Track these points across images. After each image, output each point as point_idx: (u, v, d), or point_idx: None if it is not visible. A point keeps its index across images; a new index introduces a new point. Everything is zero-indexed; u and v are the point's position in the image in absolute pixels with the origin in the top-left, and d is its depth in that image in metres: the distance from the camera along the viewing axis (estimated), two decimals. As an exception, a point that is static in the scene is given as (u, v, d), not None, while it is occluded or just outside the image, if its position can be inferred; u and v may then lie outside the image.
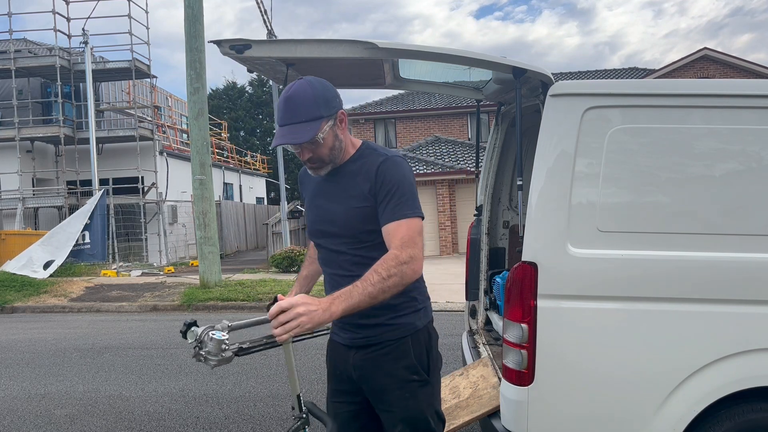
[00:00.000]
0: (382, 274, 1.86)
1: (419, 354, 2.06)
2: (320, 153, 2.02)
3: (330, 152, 2.03)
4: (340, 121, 2.04)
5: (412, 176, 2.07)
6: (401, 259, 1.89)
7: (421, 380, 2.05)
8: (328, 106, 1.98)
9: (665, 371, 2.39)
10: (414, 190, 2.04)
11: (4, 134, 17.75)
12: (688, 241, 2.44)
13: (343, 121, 2.06)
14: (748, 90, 2.50)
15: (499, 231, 4.29)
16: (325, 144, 2.00)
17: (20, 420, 4.47)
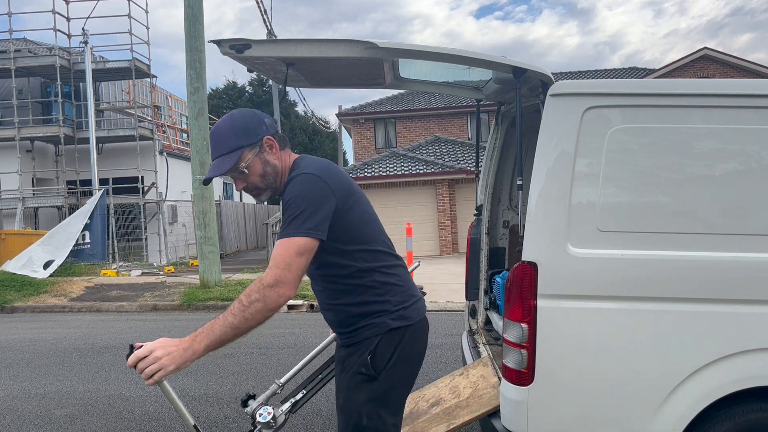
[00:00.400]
0: (243, 302, 1.85)
1: (382, 352, 2.04)
2: (252, 181, 2.07)
3: (262, 179, 2.07)
4: (269, 147, 2.06)
5: (311, 192, 1.94)
6: (264, 282, 1.85)
7: (367, 375, 2.04)
8: (248, 136, 2.03)
9: (665, 371, 2.39)
10: (306, 206, 1.92)
11: (4, 134, 17.75)
12: (688, 241, 2.44)
13: (273, 146, 2.07)
14: (748, 90, 2.50)
15: (499, 231, 4.29)
16: (252, 172, 2.06)
17: (20, 420, 4.47)
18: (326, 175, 1.99)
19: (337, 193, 1.97)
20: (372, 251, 2.07)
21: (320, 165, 2.04)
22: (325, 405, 4.59)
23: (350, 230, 2.02)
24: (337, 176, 2.03)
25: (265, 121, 2.11)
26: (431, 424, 2.86)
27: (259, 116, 2.11)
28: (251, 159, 2.03)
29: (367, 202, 2.14)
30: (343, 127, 27.88)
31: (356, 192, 2.09)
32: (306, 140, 41.27)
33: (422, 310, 2.17)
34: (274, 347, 6.68)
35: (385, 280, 2.08)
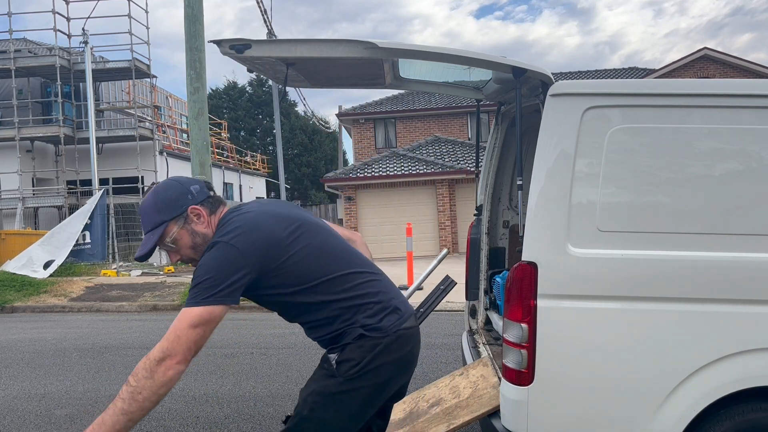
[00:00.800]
0: (131, 383, 1.77)
1: (350, 352, 1.99)
2: (184, 253, 2.05)
3: (193, 250, 2.05)
4: (196, 216, 2.03)
5: (217, 264, 1.87)
6: (151, 357, 1.78)
7: (328, 370, 2.02)
8: (170, 210, 2.01)
9: (665, 371, 2.39)
10: (210, 276, 1.85)
11: (4, 134, 17.76)
12: (688, 241, 2.44)
13: (200, 215, 2.03)
14: (748, 90, 2.50)
15: (499, 231, 4.29)
16: (182, 245, 2.03)
17: (20, 420, 4.47)
18: (244, 240, 1.90)
19: (255, 258, 1.89)
20: (331, 280, 2.01)
21: (242, 227, 1.93)
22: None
23: (297, 274, 1.97)
24: (264, 234, 1.93)
25: (192, 189, 2.05)
26: (431, 424, 2.86)
27: (184, 186, 2.06)
28: (176, 232, 2.01)
29: (317, 232, 2.07)
30: (343, 127, 27.88)
31: (296, 233, 2.00)
32: (306, 140, 41.28)
33: (400, 323, 2.06)
34: (274, 347, 6.68)
35: (350, 305, 2.02)
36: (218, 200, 2.12)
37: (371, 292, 2.07)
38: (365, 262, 2.18)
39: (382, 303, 2.07)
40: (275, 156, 23.01)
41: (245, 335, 7.46)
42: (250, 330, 7.79)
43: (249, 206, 2.09)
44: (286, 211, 2.10)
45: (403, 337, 2.06)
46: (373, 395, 2.04)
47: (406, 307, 2.16)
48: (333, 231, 2.20)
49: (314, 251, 2.02)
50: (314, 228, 2.09)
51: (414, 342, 2.13)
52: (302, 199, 37.24)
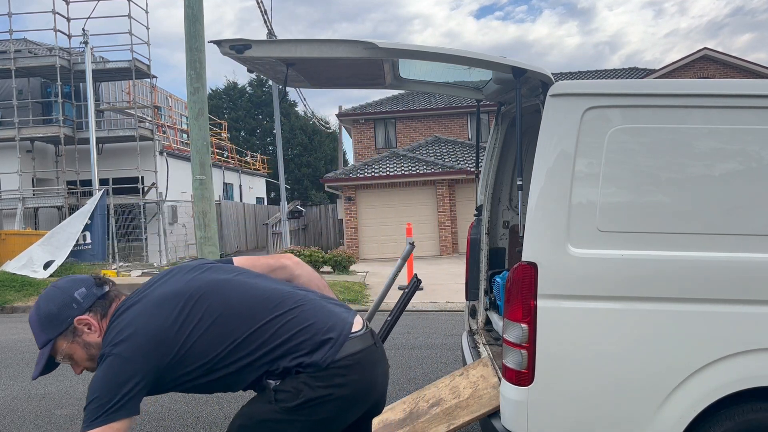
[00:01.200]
0: None
1: (291, 383, 1.84)
2: (85, 366, 1.93)
3: (90, 361, 1.91)
4: (86, 326, 1.87)
5: (108, 371, 1.76)
6: None
7: (266, 396, 1.87)
8: (53, 326, 1.84)
9: (665, 371, 2.39)
10: (98, 393, 1.74)
11: (4, 134, 17.75)
12: (688, 241, 2.44)
13: (90, 325, 1.87)
14: (748, 90, 2.50)
15: (499, 231, 4.29)
16: (77, 359, 1.90)
17: (20, 420, 4.47)
18: (127, 347, 1.76)
19: (143, 361, 1.76)
20: (243, 342, 1.84)
21: (124, 331, 1.79)
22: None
23: (201, 354, 1.82)
24: (148, 333, 1.78)
25: (77, 296, 1.86)
26: (431, 425, 2.86)
27: (66, 294, 1.86)
28: (67, 348, 1.87)
29: (213, 295, 1.88)
30: (343, 127, 27.88)
31: (184, 312, 1.83)
32: (306, 140, 41.28)
33: (333, 352, 1.85)
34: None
35: (274, 356, 1.85)
36: (111, 296, 1.93)
37: (294, 333, 1.86)
38: (286, 296, 1.96)
39: (310, 339, 1.86)
40: (275, 156, 23.02)
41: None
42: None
43: (136, 295, 1.92)
44: (178, 285, 1.91)
45: (346, 368, 1.86)
46: (316, 429, 1.87)
47: (341, 331, 1.90)
48: (239, 280, 1.98)
49: (212, 322, 1.84)
50: (211, 291, 1.89)
51: (362, 369, 1.90)
52: (302, 199, 37.24)
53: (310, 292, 2.06)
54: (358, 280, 12.44)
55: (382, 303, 3.30)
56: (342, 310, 2.02)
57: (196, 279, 1.95)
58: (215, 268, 2.03)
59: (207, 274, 1.98)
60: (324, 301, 2.03)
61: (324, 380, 1.84)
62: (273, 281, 2.06)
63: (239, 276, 2.01)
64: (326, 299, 2.07)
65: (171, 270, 2.04)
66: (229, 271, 2.03)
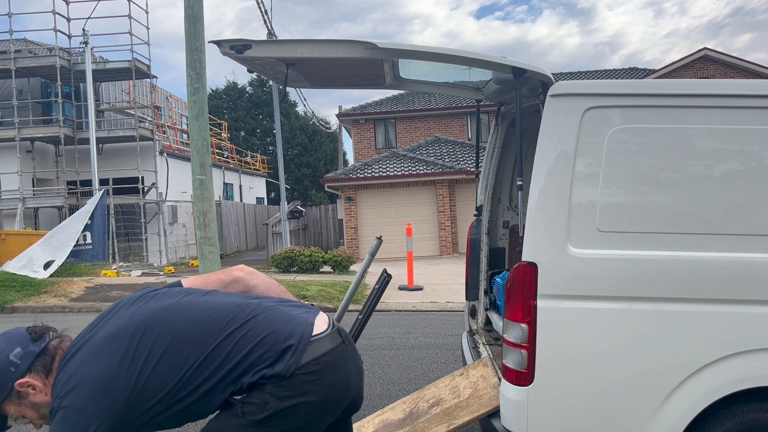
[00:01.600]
0: None
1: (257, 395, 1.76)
2: (40, 423, 1.84)
3: (43, 419, 1.82)
4: (30, 388, 1.76)
5: (63, 426, 1.66)
6: None
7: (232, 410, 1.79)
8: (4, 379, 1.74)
9: (665, 371, 2.39)
10: None
11: (4, 134, 17.75)
12: (688, 241, 2.44)
13: (32, 386, 1.76)
14: (748, 90, 2.50)
15: (499, 231, 4.29)
16: (29, 417, 1.81)
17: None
18: (76, 397, 1.67)
19: (97, 408, 1.67)
20: (199, 367, 1.76)
21: (70, 380, 1.70)
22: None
23: (159, 389, 1.74)
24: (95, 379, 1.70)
25: (12, 358, 1.74)
26: (431, 425, 2.86)
27: (2, 359, 1.74)
28: (15, 411, 1.78)
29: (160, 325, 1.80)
30: (343, 127, 27.88)
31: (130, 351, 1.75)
32: (306, 140, 41.28)
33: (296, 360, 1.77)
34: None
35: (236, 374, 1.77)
36: (51, 349, 1.80)
37: (252, 347, 1.79)
38: (238, 309, 1.87)
39: (269, 350, 1.78)
40: (275, 156, 23.01)
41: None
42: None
43: (81, 339, 1.83)
44: (121, 321, 1.83)
45: (313, 374, 1.78)
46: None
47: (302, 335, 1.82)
48: (186, 301, 1.90)
49: (162, 353, 1.76)
50: (156, 321, 1.81)
51: (332, 371, 1.82)
52: (302, 199, 37.24)
53: (265, 299, 1.98)
54: (358, 280, 12.43)
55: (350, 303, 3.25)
56: (301, 312, 1.94)
57: (140, 311, 1.86)
58: (160, 295, 1.95)
59: (151, 302, 1.90)
60: (282, 306, 1.94)
61: (291, 389, 1.75)
62: (224, 296, 1.97)
63: (186, 297, 1.93)
64: (285, 303, 1.98)
65: (115, 305, 1.95)
66: (175, 295, 1.95)
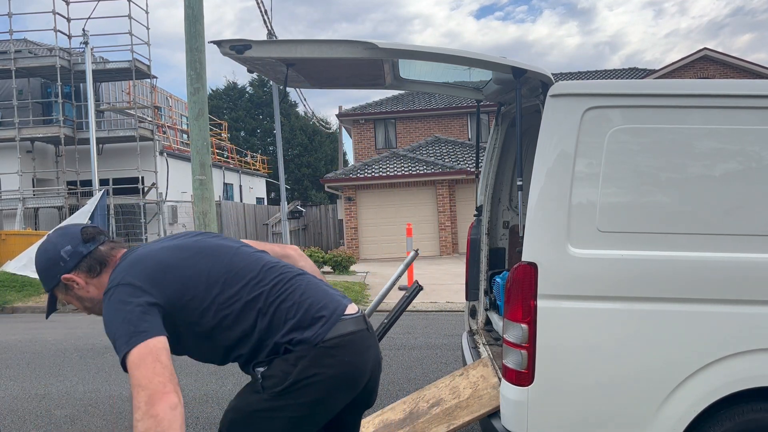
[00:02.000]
0: None
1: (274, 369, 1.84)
2: (86, 311, 2.00)
3: (90, 310, 1.97)
4: (74, 284, 1.90)
5: (115, 307, 1.74)
6: (135, 418, 1.59)
7: (254, 386, 1.88)
8: (47, 280, 1.91)
9: (665, 371, 2.39)
10: (114, 329, 1.71)
11: (4, 134, 17.75)
12: (688, 241, 2.44)
13: (75, 282, 1.90)
14: (748, 90, 2.50)
15: (499, 231, 4.29)
16: (75, 305, 1.97)
17: (20, 420, 4.47)
18: (129, 274, 1.79)
19: (148, 282, 1.78)
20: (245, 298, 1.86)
21: (125, 264, 1.84)
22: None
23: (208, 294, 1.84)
24: (151, 262, 1.84)
25: (62, 254, 1.88)
26: (431, 425, 2.87)
27: (55, 252, 1.89)
28: (63, 298, 1.94)
29: (217, 256, 1.92)
30: (343, 127, 27.89)
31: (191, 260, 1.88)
32: (306, 141, 41.28)
33: (324, 332, 1.85)
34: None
35: (268, 323, 1.85)
36: (100, 254, 1.91)
37: (291, 304, 1.88)
38: (286, 270, 1.98)
39: (303, 314, 1.87)
40: (275, 156, 23.01)
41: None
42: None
43: (141, 246, 1.97)
44: (184, 241, 1.98)
45: (336, 348, 1.85)
46: (305, 414, 1.85)
47: (334, 310, 1.91)
48: (243, 250, 2.00)
49: (215, 279, 1.87)
50: (216, 252, 1.93)
51: (352, 350, 1.88)
52: (302, 199, 37.24)
53: (309, 274, 2.08)
54: (358, 280, 12.44)
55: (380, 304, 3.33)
56: (337, 293, 2.02)
57: (202, 240, 2.01)
58: (221, 237, 2.09)
59: (214, 239, 2.04)
60: (322, 284, 2.04)
61: (312, 360, 1.82)
62: (275, 259, 2.07)
63: (243, 248, 2.05)
64: (324, 283, 2.08)
65: (175, 234, 2.10)
66: (234, 242, 2.09)
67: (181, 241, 1.99)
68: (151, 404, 1.57)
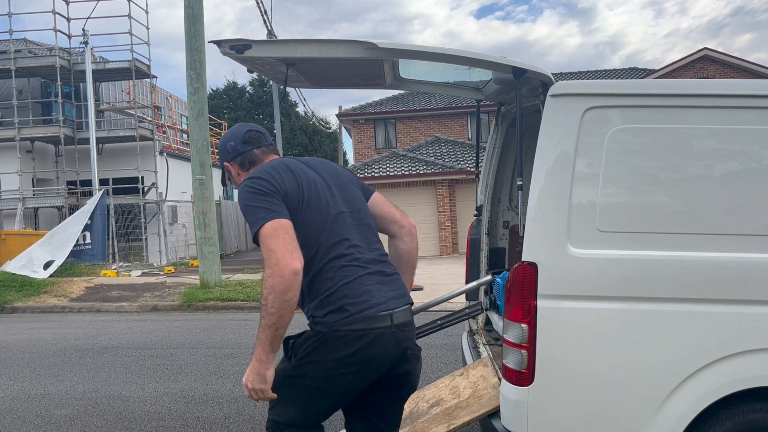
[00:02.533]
0: (262, 303, 1.95)
1: (302, 341, 2.12)
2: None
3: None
4: (231, 169, 2.38)
5: (250, 192, 2.10)
6: (266, 274, 1.94)
7: (286, 353, 2.18)
8: (221, 157, 2.40)
9: (665, 371, 2.39)
10: (250, 203, 2.07)
11: (4, 134, 17.75)
12: (687, 241, 2.44)
13: (234, 169, 2.37)
14: (748, 90, 2.50)
15: (499, 231, 4.29)
16: (236, 181, 2.39)
17: (20, 420, 4.47)
18: (264, 173, 2.14)
19: (273, 181, 2.10)
20: (326, 246, 2.11)
21: (265, 167, 2.21)
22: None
23: (301, 223, 2.09)
24: (278, 173, 2.15)
25: (228, 146, 2.35)
26: (431, 425, 2.87)
27: (227, 141, 2.37)
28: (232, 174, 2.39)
29: (321, 192, 2.18)
30: (343, 127, 27.90)
31: (307, 185, 2.16)
32: (306, 140, 41.29)
33: (343, 322, 2.04)
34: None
35: (325, 277, 2.09)
36: (253, 156, 2.32)
37: (337, 280, 2.08)
38: (360, 244, 2.18)
39: (336, 295, 2.07)
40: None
41: (245, 335, 7.46)
42: (250, 330, 7.78)
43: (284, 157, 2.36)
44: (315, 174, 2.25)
45: (347, 338, 2.04)
46: (321, 387, 2.08)
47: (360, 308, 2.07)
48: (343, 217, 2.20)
49: (320, 211, 2.15)
50: (330, 193, 2.21)
51: (365, 344, 2.05)
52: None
53: (382, 263, 2.24)
54: (358, 280, 12.43)
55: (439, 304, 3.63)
56: (386, 292, 2.16)
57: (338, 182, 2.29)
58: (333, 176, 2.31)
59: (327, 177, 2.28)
60: (381, 276, 2.19)
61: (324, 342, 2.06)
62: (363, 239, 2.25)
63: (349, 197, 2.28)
64: (386, 275, 2.22)
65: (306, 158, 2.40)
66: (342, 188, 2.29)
67: (315, 174, 2.26)
68: (279, 266, 1.91)
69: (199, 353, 6.53)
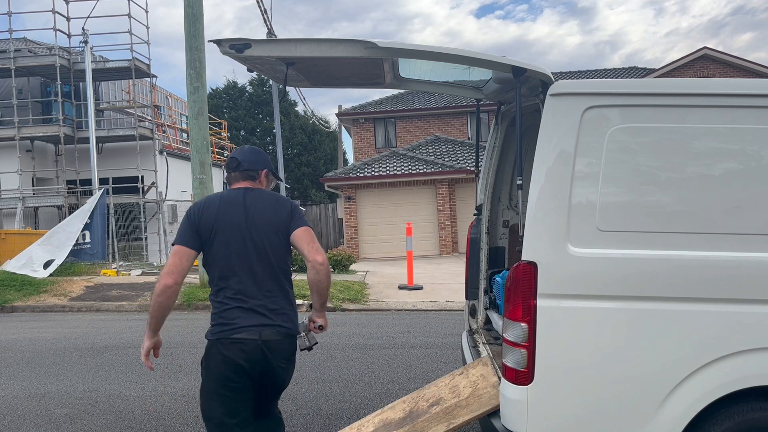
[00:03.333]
0: None
1: None
2: None
3: None
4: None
5: (185, 215, 2.74)
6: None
7: None
8: None
9: (665, 371, 2.39)
10: (181, 223, 2.72)
11: (4, 134, 17.74)
12: (687, 241, 2.44)
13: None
14: (748, 90, 2.50)
15: (499, 230, 4.29)
16: None
17: (20, 419, 4.47)
18: (195, 205, 2.73)
19: (196, 216, 2.67)
20: (221, 277, 2.67)
21: (203, 199, 2.76)
22: (324, 404, 4.59)
23: (209, 251, 2.67)
24: (206, 209, 2.69)
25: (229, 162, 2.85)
26: (431, 424, 2.87)
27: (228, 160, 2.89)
28: None
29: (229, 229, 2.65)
30: (343, 126, 27.88)
31: (219, 221, 2.65)
32: (306, 140, 41.25)
33: (217, 333, 2.66)
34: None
35: (215, 300, 2.70)
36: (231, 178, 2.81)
37: (222, 298, 2.67)
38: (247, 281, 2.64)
39: (221, 310, 2.66)
40: (275, 155, 22.97)
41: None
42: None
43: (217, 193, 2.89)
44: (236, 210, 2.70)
45: (216, 345, 2.68)
46: (213, 389, 2.75)
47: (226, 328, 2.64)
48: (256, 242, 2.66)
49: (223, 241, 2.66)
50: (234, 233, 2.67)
51: (228, 352, 2.63)
52: (302, 198, 37.24)
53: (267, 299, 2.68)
54: (357, 279, 12.45)
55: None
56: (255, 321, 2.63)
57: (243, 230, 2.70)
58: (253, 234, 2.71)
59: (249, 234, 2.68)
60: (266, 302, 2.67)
61: (206, 349, 2.77)
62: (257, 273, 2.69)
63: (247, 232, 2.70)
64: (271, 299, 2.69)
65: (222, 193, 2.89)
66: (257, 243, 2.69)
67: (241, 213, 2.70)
68: (160, 278, 2.60)
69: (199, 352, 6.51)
